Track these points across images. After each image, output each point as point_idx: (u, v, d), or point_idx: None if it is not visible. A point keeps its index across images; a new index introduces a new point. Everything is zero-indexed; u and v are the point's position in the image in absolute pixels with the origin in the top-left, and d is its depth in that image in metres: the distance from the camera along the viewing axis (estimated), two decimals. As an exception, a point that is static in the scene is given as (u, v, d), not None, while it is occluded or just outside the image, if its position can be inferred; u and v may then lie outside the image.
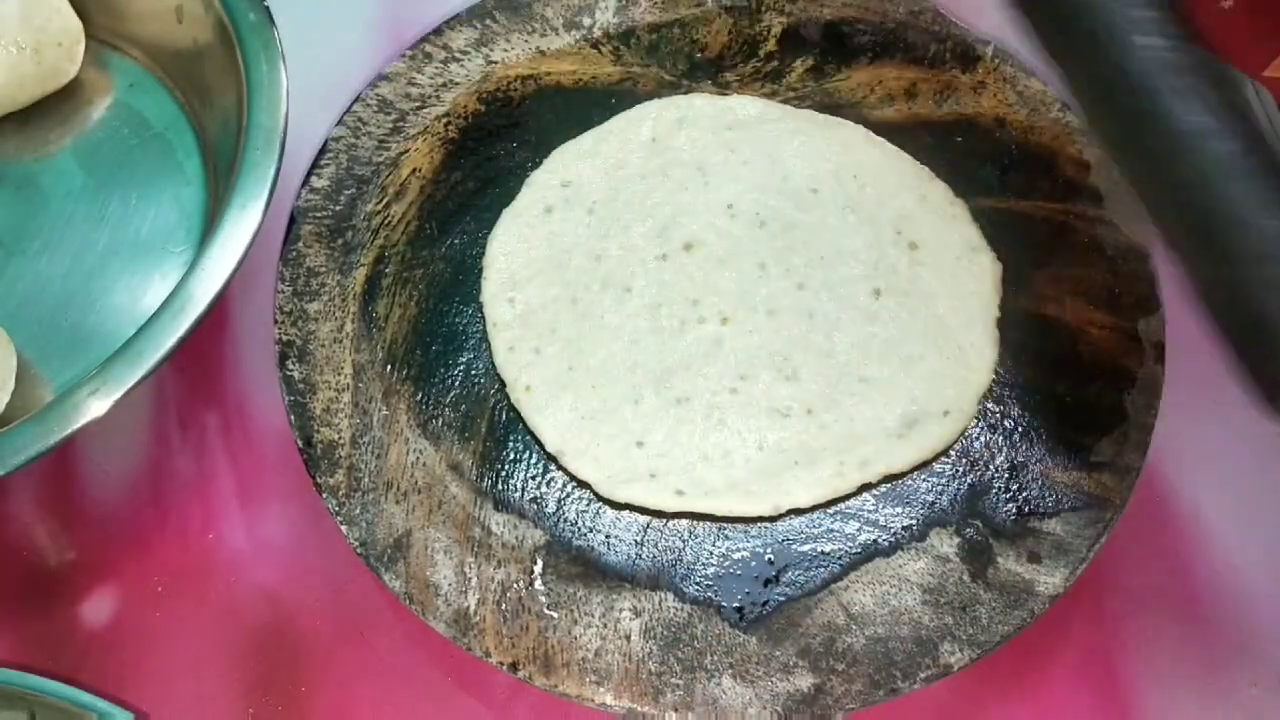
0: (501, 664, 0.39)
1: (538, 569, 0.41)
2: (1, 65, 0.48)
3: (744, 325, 0.46)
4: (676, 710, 0.39)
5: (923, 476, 0.43)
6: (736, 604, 0.41)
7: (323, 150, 0.49)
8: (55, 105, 0.51)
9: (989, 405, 0.45)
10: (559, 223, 0.48)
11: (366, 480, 0.42)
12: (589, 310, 0.46)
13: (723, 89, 0.52)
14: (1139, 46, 0.37)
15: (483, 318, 0.46)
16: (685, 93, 0.52)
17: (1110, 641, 0.43)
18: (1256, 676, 0.42)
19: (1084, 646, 0.43)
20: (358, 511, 0.42)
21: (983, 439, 0.44)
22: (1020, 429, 0.44)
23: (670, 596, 0.41)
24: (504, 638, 0.40)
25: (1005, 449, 0.44)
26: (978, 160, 0.50)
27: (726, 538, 0.42)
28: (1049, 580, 0.41)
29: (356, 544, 0.41)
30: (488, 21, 0.52)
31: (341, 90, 0.50)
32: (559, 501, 0.43)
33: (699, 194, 0.49)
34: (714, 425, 0.44)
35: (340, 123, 0.49)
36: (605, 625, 0.40)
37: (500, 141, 0.50)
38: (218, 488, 0.46)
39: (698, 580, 0.41)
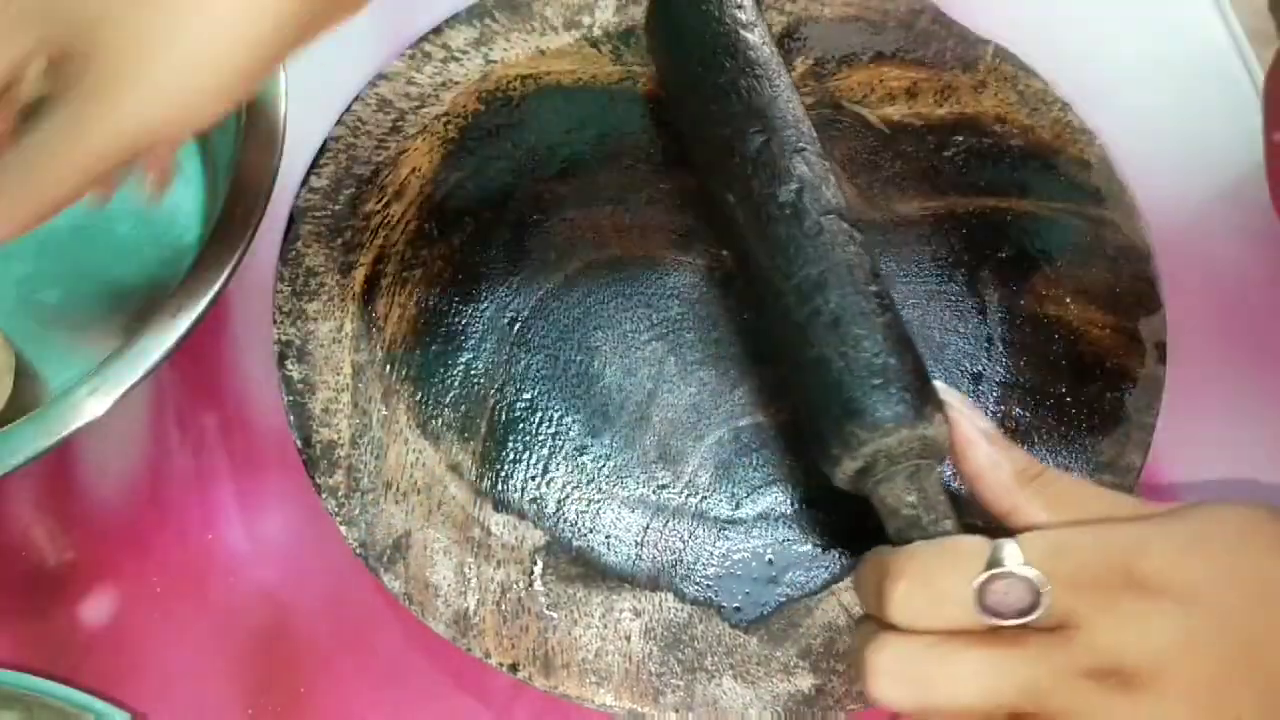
0: (501, 665, 0.39)
1: (538, 569, 0.41)
2: (0, 65, 0.48)
3: None
4: (677, 711, 0.39)
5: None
6: (736, 604, 0.41)
7: (322, 150, 0.49)
8: (55, 105, 0.51)
9: (988, 404, 0.45)
10: None
11: (366, 480, 0.42)
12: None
13: (723, 89, 0.52)
14: None
15: (483, 321, 0.46)
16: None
17: (1110, 642, 0.43)
18: (1257, 677, 0.42)
19: (1084, 647, 0.43)
20: (357, 512, 0.41)
21: (983, 439, 0.44)
22: (1020, 429, 0.44)
23: (670, 597, 0.41)
24: (504, 638, 0.40)
25: (1005, 449, 0.44)
26: (978, 159, 0.50)
27: (726, 538, 0.42)
28: (1049, 580, 0.41)
29: (356, 544, 0.41)
30: (487, 21, 0.52)
31: (341, 90, 0.50)
32: (559, 502, 0.43)
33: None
34: None
35: (340, 122, 0.49)
36: (605, 626, 0.40)
37: (500, 141, 0.50)
38: (217, 488, 0.45)
39: (698, 580, 0.41)
